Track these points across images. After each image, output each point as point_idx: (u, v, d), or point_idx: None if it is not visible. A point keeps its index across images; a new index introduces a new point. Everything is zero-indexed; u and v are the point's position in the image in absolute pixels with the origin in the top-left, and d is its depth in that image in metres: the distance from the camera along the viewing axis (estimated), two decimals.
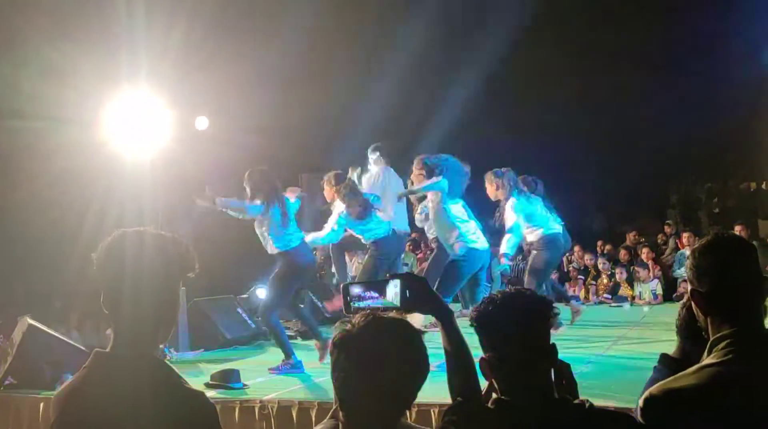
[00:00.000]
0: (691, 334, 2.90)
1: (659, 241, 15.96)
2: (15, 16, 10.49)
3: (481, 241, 7.60)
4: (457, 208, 7.64)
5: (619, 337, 9.24)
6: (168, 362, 2.44)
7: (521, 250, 10.06)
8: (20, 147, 11.83)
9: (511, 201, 8.52)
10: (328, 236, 8.54)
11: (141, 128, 9.78)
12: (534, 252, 8.87)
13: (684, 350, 2.95)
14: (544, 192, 9.87)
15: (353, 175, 9.37)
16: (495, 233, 8.80)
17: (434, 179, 7.56)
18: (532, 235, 8.82)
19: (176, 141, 10.44)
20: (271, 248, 7.83)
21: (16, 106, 11.15)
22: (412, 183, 8.09)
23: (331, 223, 8.48)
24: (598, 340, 8.91)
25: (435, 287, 7.10)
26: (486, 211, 8.92)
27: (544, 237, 8.75)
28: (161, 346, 2.23)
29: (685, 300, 2.99)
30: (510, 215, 8.46)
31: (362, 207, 8.35)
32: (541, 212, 8.85)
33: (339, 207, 8.55)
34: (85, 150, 10.39)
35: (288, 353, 7.78)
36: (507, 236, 8.33)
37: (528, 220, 8.72)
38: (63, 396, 2.31)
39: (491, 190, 8.77)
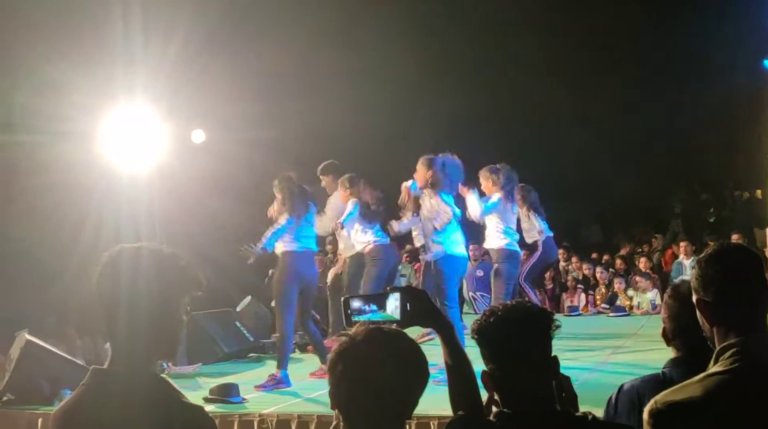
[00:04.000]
0: (677, 335, 2.91)
1: (653, 247, 15.97)
2: (11, 31, 10.49)
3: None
4: None
5: (618, 346, 9.23)
6: (166, 377, 2.43)
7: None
8: (15, 161, 11.81)
9: (496, 196, 8.66)
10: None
11: (137, 142, 9.77)
12: (495, 264, 8.89)
13: (680, 349, 2.95)
14: (539, 201, 9.93)
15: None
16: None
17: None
18: (498, 243, 8.81)
19: (172, 154, 10.44)
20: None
21: (11, 119, 11.13)
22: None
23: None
24: (597, 351, 8.89)
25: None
26: None
27: (505, 249, 8.73)
28: (160, 361, 2.22)
29: (667, 298, 3.00)
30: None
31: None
32: (509, 225, 8.84)
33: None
34: (82, 164, 10.37)
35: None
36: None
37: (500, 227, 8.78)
38: (61, 414, 2.29)
39: (486, 185, 8.83)
